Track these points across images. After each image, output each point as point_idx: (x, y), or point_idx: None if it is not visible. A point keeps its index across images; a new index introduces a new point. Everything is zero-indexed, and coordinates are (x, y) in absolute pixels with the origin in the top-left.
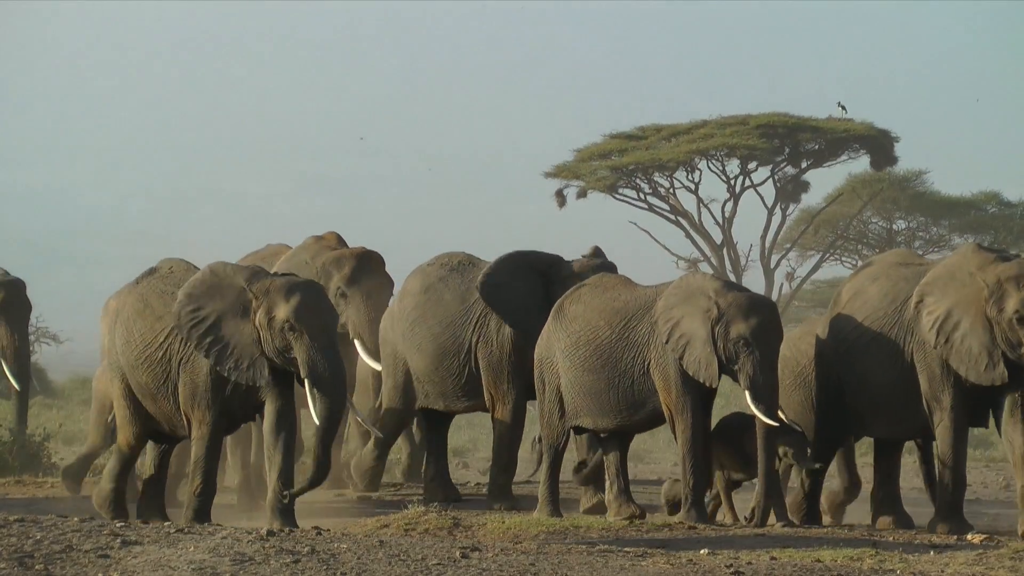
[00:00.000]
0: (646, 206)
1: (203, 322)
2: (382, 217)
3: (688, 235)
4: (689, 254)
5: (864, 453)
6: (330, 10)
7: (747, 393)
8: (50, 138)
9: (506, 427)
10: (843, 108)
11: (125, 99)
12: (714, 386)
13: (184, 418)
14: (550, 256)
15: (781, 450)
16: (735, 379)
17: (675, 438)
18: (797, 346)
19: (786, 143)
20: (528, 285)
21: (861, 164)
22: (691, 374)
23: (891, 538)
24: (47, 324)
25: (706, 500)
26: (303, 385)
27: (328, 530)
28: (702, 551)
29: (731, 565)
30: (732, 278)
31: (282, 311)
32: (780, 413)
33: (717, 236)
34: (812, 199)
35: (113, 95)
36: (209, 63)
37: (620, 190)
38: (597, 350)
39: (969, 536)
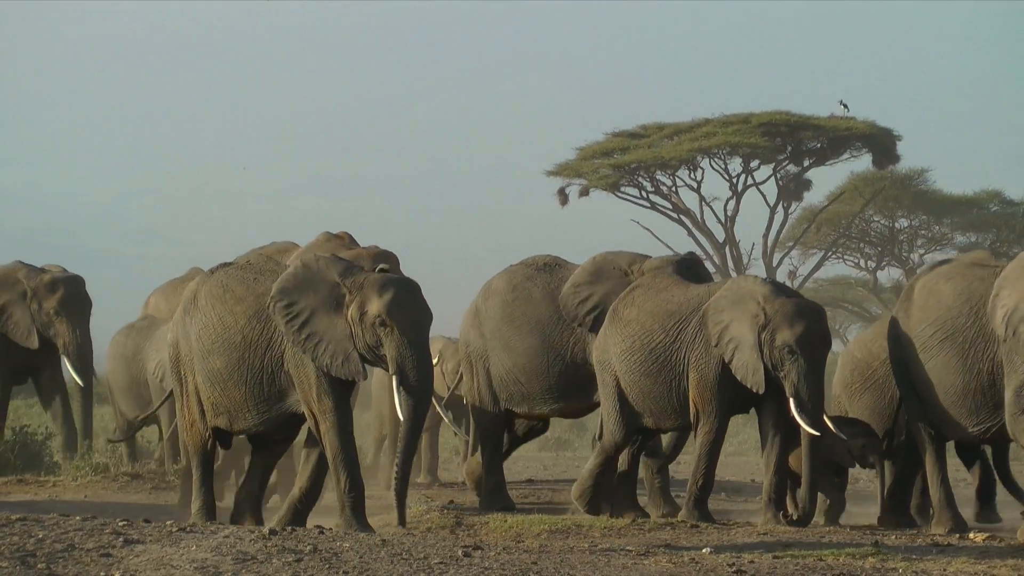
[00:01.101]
0: (648, 204)
1: (297, 317)
2: (383, 216)
3: (690, 233)
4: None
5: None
6: (331, 9)
7: (791, 401)
8: (53, 136)
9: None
10: (845, 106)
11: (128, 96)
12: (760, 392)
13: (309, 411)
14: (632, 256)
15: (854, 449)
16: (780, 385)
17: (695, 435)
18: (869, 348)
19: (788, 141)
20: (614, 286)
21: (863, 162)
22: (739, 379)
23: (893, 537)
24: None
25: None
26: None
27: (330, 529)
28: (704, 550)
29: (733, 564)
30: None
31: (375, 306)
32: (826, 420)
33: (719, 234)
34: (814, 197)
35: (115, 93)
36: (214, 62)
37: (622, 188)
38: (652, 354)
39: (971, 535)
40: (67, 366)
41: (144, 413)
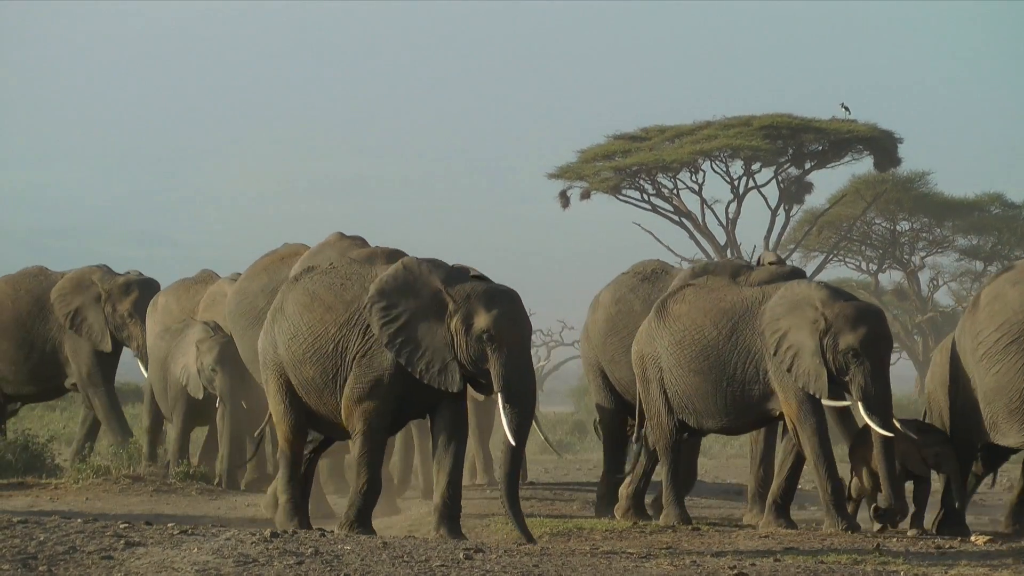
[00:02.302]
0: (649, 207)
1: (395, 320)
2: (385, 218)
3: (692, 236)
4: (693, 255)
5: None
6: (333, 11)
7: (860, 404)
8: (55, 139)
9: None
10: (846, 109)
11: (130, 100)
12: (825, 398)
13: (346, 412)
14: (737, 264)
15: (929, 457)
16: (846, 390)
17: (801, 447)
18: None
19: (790, 144)
20: None
21: (865, 165)
22: (800, 386)
23: (895, 540)
24: None
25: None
26: (481, 394)
27: (332, 531)
28: (705, 553)
29: (735, 567)
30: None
31: (482, 320)
32: (895, 422)
33: (721, 237)
34: (816, 200)
35: (115, 95)
36: (216, 65)
37: (624, 191)
38: (703, 351)
39: (973, 538)
40: (141, 368)
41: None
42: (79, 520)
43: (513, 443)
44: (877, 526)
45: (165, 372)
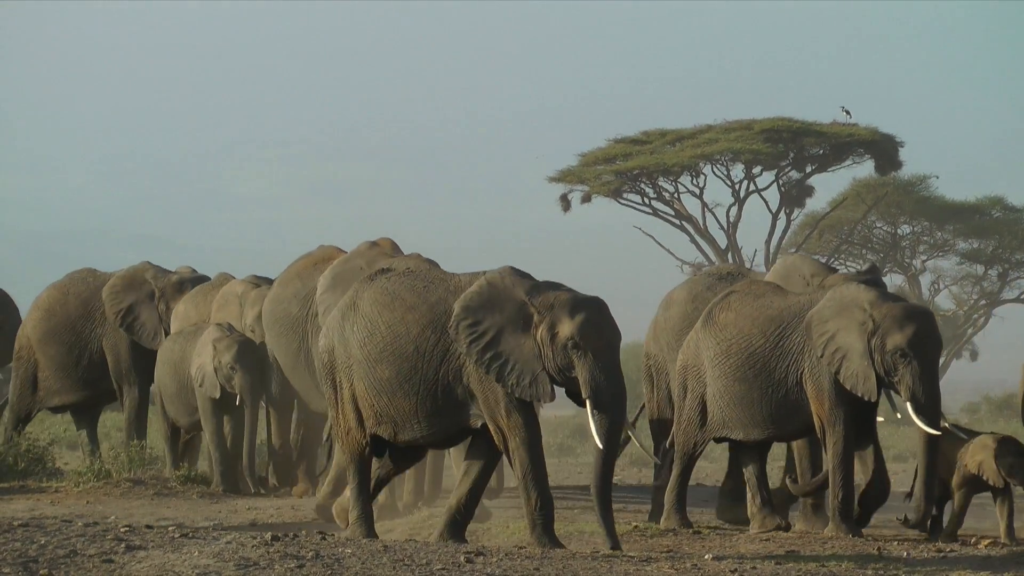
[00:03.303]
0: (650, 211)
1: (482, 336)
2: (384, 222)
3: (692, 240)
4: (694, 259)
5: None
6: (335, 14)
7: (909, 405)
8: (55, 143)
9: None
10: (847, 113)
11: (131, 102)
12: (874, 400)
13: (495, 426)
14: (817, 265)
15: (1003, 468)
16: (895, 391)
17: (824, 449)
18: None
19: (791, 148)
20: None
21: (866, 169)
22: (849, 388)
23: (896, 544)
24: None
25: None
26: (580, 404)
27: (332, 535)
28: (706, 556)
29: (736, 570)
30: None
31: (567, 328)
32: (943, 423)
33: (722, 241)
34: (817, 204)
35: (118, 98)
36: (214, 68)
37: (625, 195)
38: (750, 359)
39: (974, 541)
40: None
41: (192, 418)
42: (80, 523)
43: (603, 449)
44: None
45: (178, 375)
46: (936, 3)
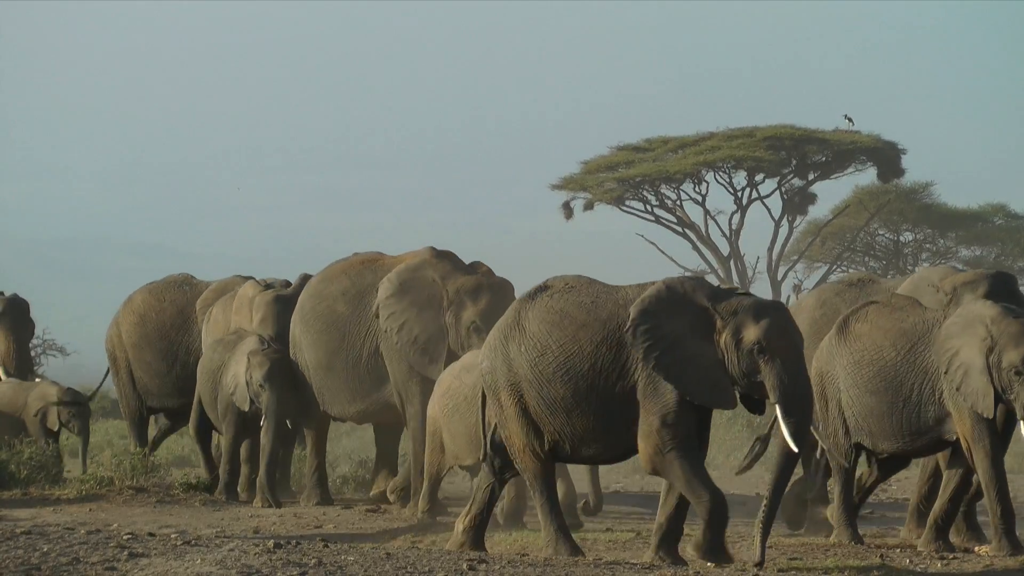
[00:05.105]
0: (653, 218)
1: (661, 341)
2: (385, 229)
3: (695, 247)
4: (696, 266)
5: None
6: (334, 22)
7: (1021, 424)
8: (55, 151)
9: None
10: (850, 120)
11: (132, 110)
12: (989, 416)
13: (649, 442)
14: (945, 270)
15: None
16: (1011, 407)
17: (973, 468)
18: None
19: (793, 155)
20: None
21: (868, 176)
22: (969, 405)
23: (899, 551)
24: (53, 337)
25: None
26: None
27: (335, 544)
28: (708, 564)
29: None
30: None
31: (752, 332)
32: None
33: (724, 248)
34: (819, 211)
35: (120, 106)
36: (216, 76)
37: (627, 202)
38: (881, 372)
39: (977, 548)
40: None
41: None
42: (82, 531)
43: (795, 450)
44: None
45: (216, 383)
46: (939, 11)
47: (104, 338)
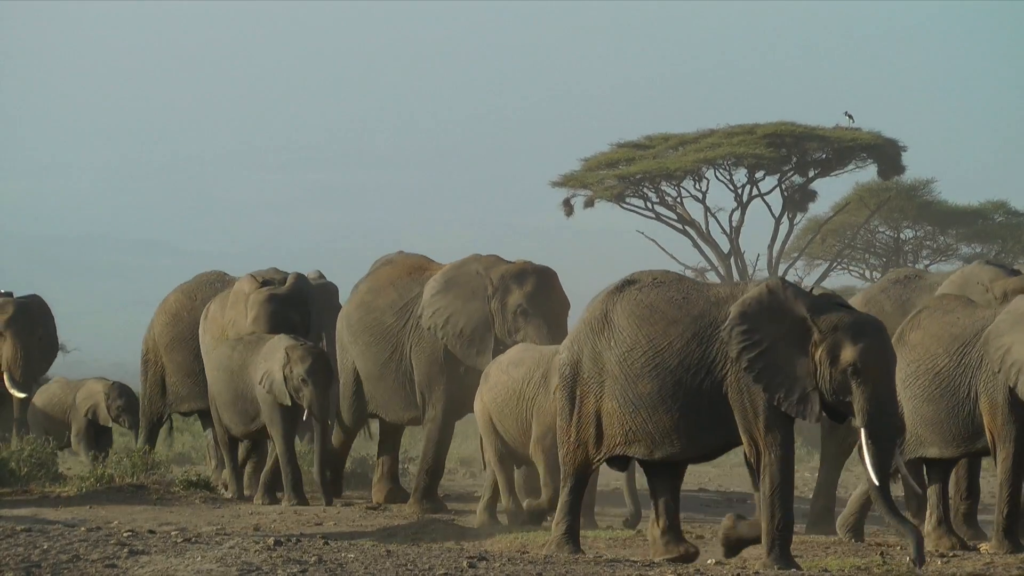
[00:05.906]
0: (653, 215)
1: (756, 345)
2: (387, 226)
3: (695, 244)
4: (696, 263)
5: None
6: (334, 20)
7: None
8: (58, 148)
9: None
10: (850, 117)
11: (132, 109)
12: None
13: (750, 439)
14: (995, 271)
15: None
16: None
17: (995, 464)
18: None
19: (793, 152)
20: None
21: (868, 173)
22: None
23: (899, 549)
24: None
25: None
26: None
27: (336, 541)
28: (709, 561)
29: (738, 575)
30: None
31: (848, 353)
32: None
33: (724, 245)
34: (819, 208)
35: (120, 105)
36: (219, 73)
37: (627, 199)
38: (936, 379)
39: (980, 546)
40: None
41: (248, 428)
42: (83, 528)
43: (876, 483)
44: None
45: (234, 383)
46: (939, 8)
47: (101, 337)
